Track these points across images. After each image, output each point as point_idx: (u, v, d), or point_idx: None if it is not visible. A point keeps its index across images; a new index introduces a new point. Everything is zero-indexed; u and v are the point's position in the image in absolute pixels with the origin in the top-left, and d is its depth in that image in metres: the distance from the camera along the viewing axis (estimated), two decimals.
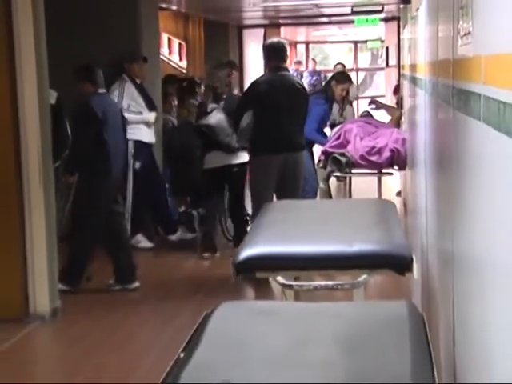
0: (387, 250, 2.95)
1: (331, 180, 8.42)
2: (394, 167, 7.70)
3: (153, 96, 7.90)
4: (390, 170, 7.95)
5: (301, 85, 6.79)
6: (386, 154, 7.38)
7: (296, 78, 7.11)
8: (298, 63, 20.93)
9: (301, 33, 20.58)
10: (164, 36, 11.39)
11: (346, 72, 10.80)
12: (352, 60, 21.85)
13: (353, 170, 7.79)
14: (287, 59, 6.92)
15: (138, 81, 7.75)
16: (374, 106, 9.48)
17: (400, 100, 10.17)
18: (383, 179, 8.29)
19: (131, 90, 7.64)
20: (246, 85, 9.25)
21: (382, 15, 12.47)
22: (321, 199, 7.89)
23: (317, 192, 8.11)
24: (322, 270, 3.17)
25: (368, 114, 9.26)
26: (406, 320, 2.27)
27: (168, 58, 11.53)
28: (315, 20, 14.80)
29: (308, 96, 6.89)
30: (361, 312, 2.42)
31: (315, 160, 8.25)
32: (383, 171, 7.87)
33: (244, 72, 13.24)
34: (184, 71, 11.96)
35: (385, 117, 9.65)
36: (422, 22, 4.48)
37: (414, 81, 5.64)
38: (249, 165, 6.85)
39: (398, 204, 8.95)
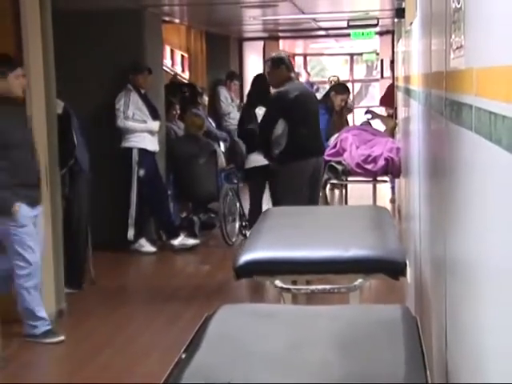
0: (382, 255, 2.98)
1: (328, 187, 8.50)
2: (388, 175, 7.78)
3: (156, 105, 8.00)
4: (384, 178, 8.03)
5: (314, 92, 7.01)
6: (381, 163, 7.45)
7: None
8: (297, 74, 20.99)
9: (299, 45, 20.63)
10: (167, 48, 11.47)
11: (345, 83, 10.88)
12: (348, 71, 21.89)
13: (349, 178, 7.87)
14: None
15: (143, 91, 7.84)
16: (370, 116, 9.55)
17: (394, 110, 10.24)
18: (378, 186, 8.38)
19: (136, 100, 7.74)
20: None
21: (377, 29, 12.52)
22: (318, 205, 7.93)
23: None
24: (319, 274, 3.17)
25: (368, 123, 9.35)
26: (400, 323, 2.29)
27: (171, 69, 11.60)
28: (313, 33, 14.81)
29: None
30: (357, 315, 2.43)
31: None
32: (378, 179, 7.95)
33: (244, 82, 13.31)
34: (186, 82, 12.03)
35: (380, 126, 9.72)
36: (416, 36, 4.46)
37: (408, 92, 5.62)
38: (281, 169, 6.60)
39: (392, 210, 9.05)
